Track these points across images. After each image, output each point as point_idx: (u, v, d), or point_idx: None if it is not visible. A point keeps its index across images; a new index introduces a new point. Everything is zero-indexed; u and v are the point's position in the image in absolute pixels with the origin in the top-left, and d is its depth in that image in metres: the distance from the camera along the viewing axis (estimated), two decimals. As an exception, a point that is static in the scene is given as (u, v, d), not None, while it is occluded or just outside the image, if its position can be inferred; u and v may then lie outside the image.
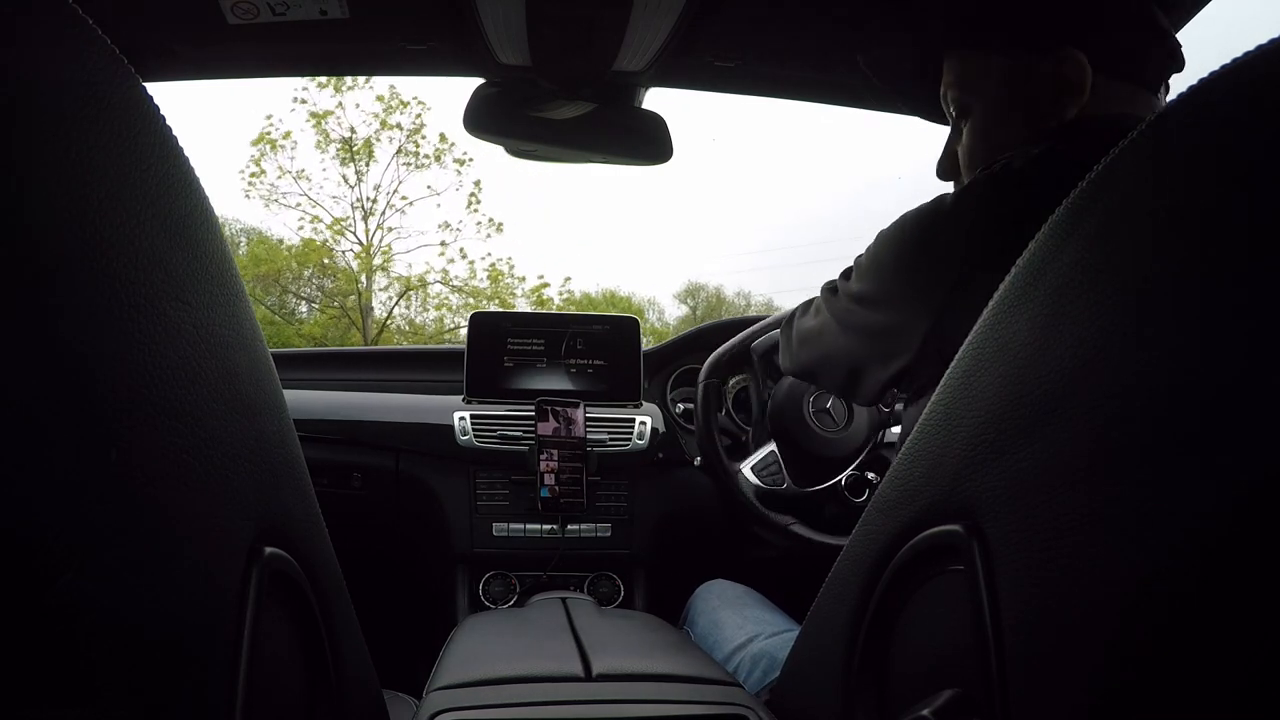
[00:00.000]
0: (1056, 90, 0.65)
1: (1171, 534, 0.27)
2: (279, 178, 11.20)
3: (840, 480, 1.24)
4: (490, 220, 12.28)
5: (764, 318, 1.29)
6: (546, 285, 12.35)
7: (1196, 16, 0.83)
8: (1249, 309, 0.25)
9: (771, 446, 1.23)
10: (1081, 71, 0.64)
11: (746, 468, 1.21)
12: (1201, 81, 0.30)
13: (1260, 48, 0.28)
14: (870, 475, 1.27)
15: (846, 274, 0.77)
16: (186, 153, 0.33)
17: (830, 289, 0.79)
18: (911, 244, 0.67)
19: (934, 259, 0.64)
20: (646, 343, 1.51)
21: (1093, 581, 0.30)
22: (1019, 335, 0.36)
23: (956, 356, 0.42)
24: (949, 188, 0.75)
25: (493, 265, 12.17)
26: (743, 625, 0.92)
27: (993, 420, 0.37)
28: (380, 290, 12.10)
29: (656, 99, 1.14)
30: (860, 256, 0.74)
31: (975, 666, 0.36)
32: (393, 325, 12.27)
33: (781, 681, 0.64)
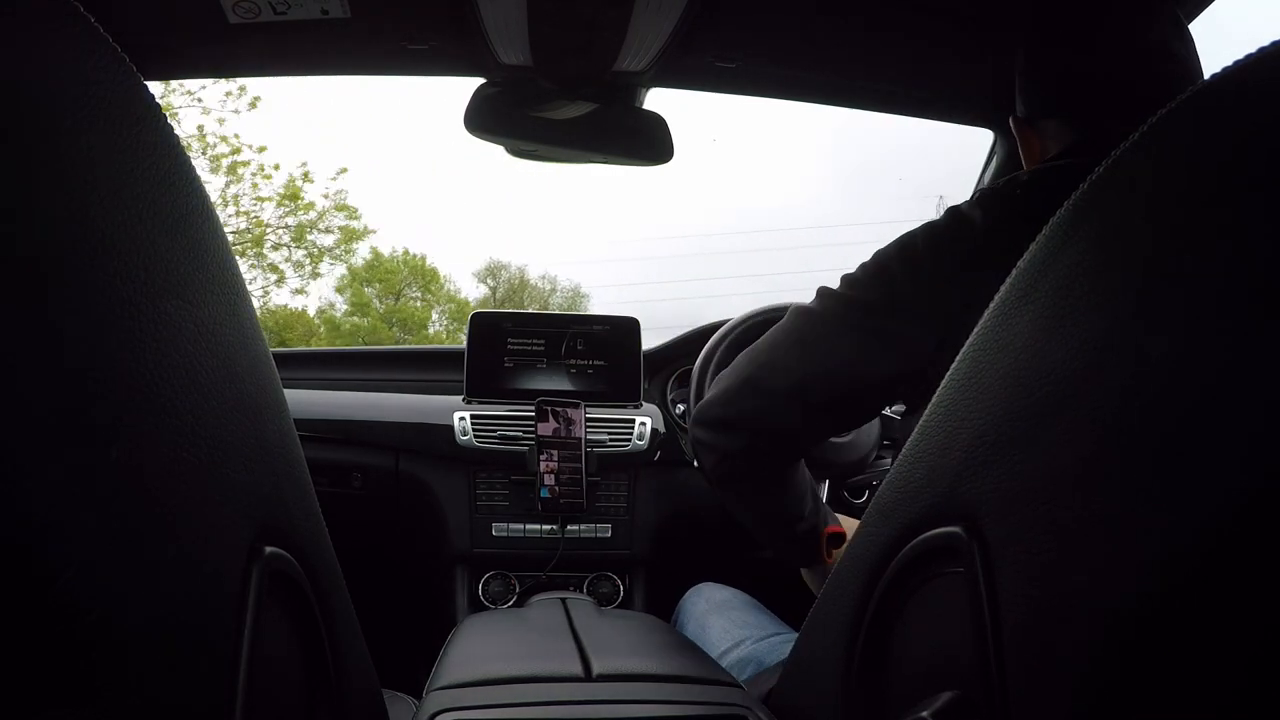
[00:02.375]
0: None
1: (1173, 536, 0.27)
2: None
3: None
4: (241, 89, 8.70)
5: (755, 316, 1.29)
6: (308, 178, 9.20)
7: (1200, 17, 0.83)
8: (1252, 311, 0.25)
9: None
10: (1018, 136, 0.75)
11: None
12: (1203, 84, 0.30)
13: (1262, 50, 0.28)
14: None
15: (841, 283, 0.75)
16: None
17: (823, 295, 0.76)
18: (924, 254, 0.69)
19: (946, 268, 0.67)
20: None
21: (1093, 584, 0.30)
22: (1020, 336, 0.36)
23: (958, 358, 0.42)
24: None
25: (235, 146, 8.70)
26: (728, 630, 0.92)
27: (993, 422, 0.37)
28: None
29: (657, 99, 1.15)
30: (854, 272, 0.74)
31: (974, 668, 0.36)
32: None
33: (781, 682, 0.64)
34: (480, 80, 1.06)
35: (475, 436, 1.33)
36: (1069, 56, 0.70)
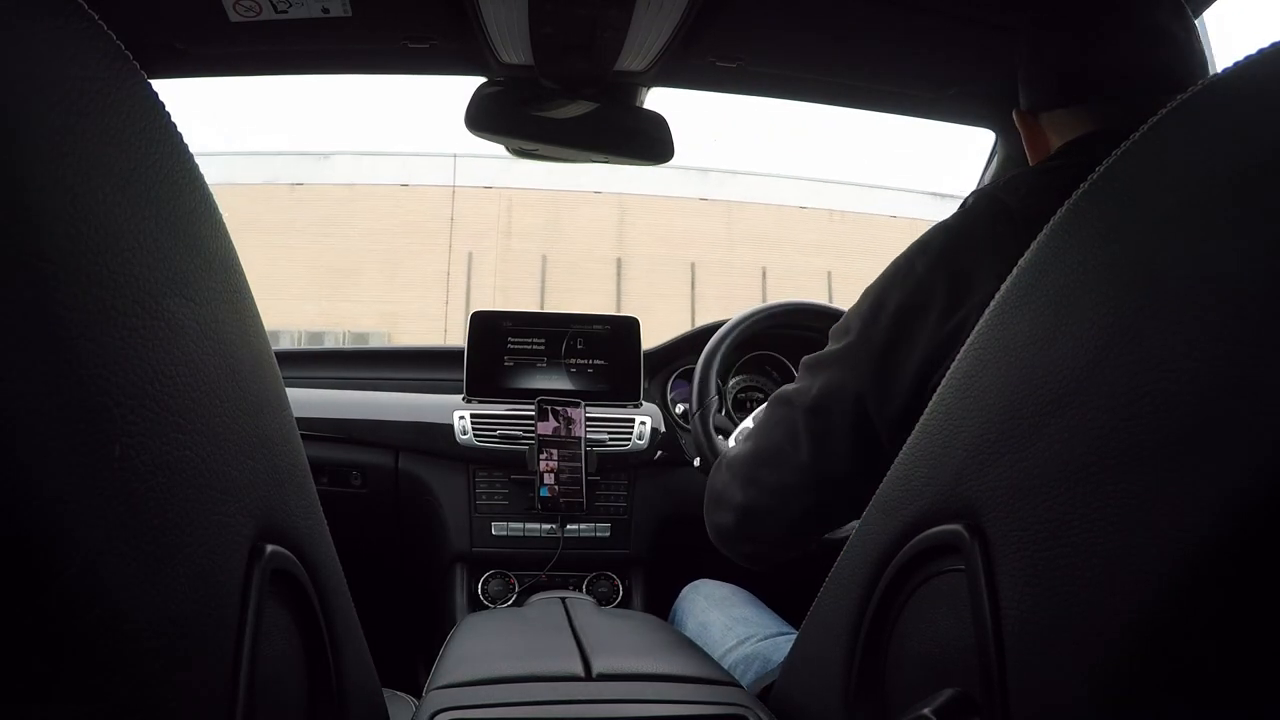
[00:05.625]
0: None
1: (1174, 534, 0.27)
2: None
3: None
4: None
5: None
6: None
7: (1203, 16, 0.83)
8: (1254, 308, 0.25)
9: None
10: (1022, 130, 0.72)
11: (732, 439, 1.18)
12: (1203, 84, 0.30)
13: (1261, 50, 0.28)
14: None
15: (812, 360, 0.70)
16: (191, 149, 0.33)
17: (789, 389, 0.71)
18: (921, 271, 0.65)
19: (946, 281, 0.63)
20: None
21: (1093, 581, 0.30)
22: (1021, 335, 0.36)
23: (958, 357, 0.42)
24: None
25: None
26: (731, 627, 0.92)
27: (994, 420, 0.37)
28: None
29: (657, 98, 1.14)
30: (836, 325, 0.70)
31: (975, 666, 0.36)
32: None
33: (781, 681, 0.64)
34: (481, 80, 1.06)
35: (475, 435, 1.33)
36: (1071, 42, 0.68)
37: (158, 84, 0.31)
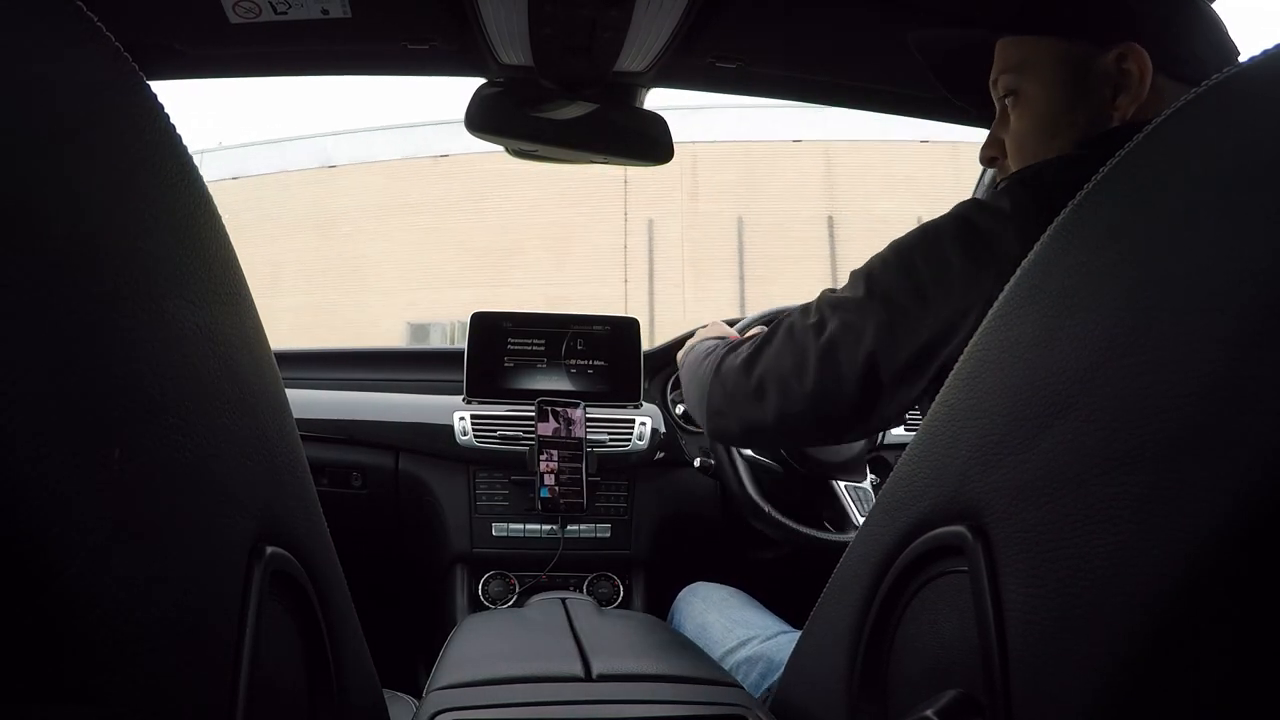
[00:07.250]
0: (1115, 86, 0.63)
1: (1177, 536, 0.27)
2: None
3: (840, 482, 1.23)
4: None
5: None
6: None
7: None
8: (1257, 307, 0.25)
9: None
10: (1142, 69, 0.61)
11: (740, 459, 1.21)
12: (1207, 84, 0.30)
13: (1266, 51, 0.28)
14: (870, 477, 1.27)
15: (853, 280, 0.69)
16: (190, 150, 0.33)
17: (799, 321, 0.70)
18: (951, 245, 0.64)
19: (971, 262, 0.62)
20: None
21: (1096, 583, 0.30)
22: (1024, 337, 0.36)
23: (962, 357, 0.42)
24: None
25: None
26: (731, 629, 0.91)
27: (998, 422, 0.37)
28: None
29: (658, 98, 1.14)
30: (860, 269, 0.69)
31: (978, 667, 0.36)
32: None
33: (783, 683, 0.64)
34: (480, 80, 1.06)
35: (475, 436, 1.33)
36: (1210, 24, 0.64)
37: (157, 84, 0.31)
